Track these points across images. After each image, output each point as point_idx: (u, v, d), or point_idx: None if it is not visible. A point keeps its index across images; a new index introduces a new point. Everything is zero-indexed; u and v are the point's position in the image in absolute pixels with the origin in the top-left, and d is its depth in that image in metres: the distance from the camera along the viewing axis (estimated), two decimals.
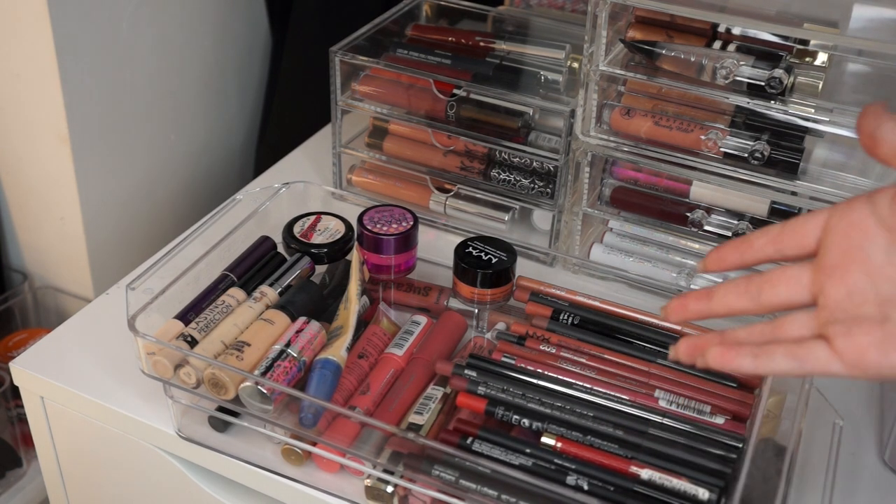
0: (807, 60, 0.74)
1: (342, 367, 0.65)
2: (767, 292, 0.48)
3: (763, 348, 0.47)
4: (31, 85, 0.94)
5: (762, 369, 0.47)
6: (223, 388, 0.62)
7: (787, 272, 0.48)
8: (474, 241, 0.72)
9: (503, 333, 0.70)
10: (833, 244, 0.46)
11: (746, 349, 0.47)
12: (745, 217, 0.78)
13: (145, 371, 0.65)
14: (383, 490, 0.62)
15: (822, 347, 0.45)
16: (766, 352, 0.47)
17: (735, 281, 0.49)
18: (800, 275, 0.47)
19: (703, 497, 0.55)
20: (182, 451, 0.69)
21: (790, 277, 0.48)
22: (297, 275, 0.72)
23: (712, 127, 0.74)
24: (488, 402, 0.62)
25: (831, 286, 0.46)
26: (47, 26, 0.89)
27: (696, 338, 0.50)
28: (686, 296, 0.51)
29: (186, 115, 1.11)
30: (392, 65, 0.86)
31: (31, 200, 1.04)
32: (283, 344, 0.64)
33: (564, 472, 0.57)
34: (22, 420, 1.02)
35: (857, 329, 0.44)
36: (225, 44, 1.13)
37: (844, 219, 0.46)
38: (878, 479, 0.67)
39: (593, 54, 0.75)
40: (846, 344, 0.44)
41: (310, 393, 0.63)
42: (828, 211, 0.47)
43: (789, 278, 0.48)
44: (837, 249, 0.46)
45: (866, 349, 0.44)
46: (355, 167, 0.93)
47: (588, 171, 0.80)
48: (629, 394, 0.63)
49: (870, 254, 0.45)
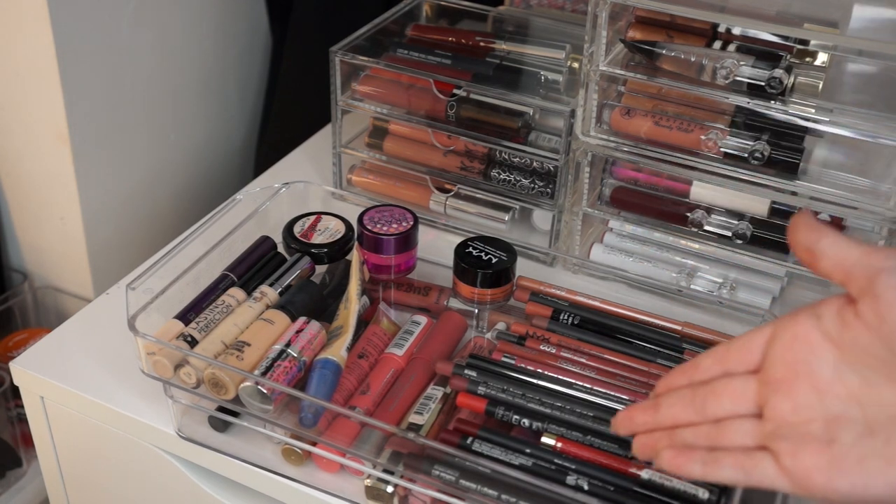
0: (807, 60, 0.74)
1: (342, 367, 0.65)
2: (712, 404, 0.48)
3: (712, 455, 0.47)
4: (31, 85, 0.94)
5: (710, 477, 0.47)
6: (223, 388, 0.62)
7: (731, 383, 0.48)
8: (474, 241, 0.72)
9: (503, 333, 0.70)
10: (777, 357, 0.46)
11: (697, 455, 0.47)
12: (745, 217, 0.78)
13: (145, 371, 0.65)
14: (383, 490, 0.62)
15: (770, 463, 0.45)
16: (714, 460, 0.46)
17: (681, 392, 0.49)
18: (745, 387, 0.47)
19: (703, 497, 0.56)
20: (182, 451, 0.69)
21: (735, 389, 0.47)
22: (297, 275, 0.72)
23: (712, 127, 0.74)
24: (488, 402, 0.62)
25: (777, 400, 0.45)
26: (47, 26, 0.89)
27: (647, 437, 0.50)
28: (633, 408, 0.51)
29: (186, 115, 1.11)
30: (392, 65, 0.86)
31: (31, 200, 1.04)
32: (283, 344, 0.64)
33: (564, 472, 0.57)
34: (22, 420, 1.02)
35: (803, 450, 0.44)
36: (225, 44, 1.13)
37: (788, 331, 0.46)
38: None
39: (593, 54, 0.75)
40: (792, 464, 0.44)
41: (310, 393, 0.63)
42: (772, 324, 0.47)
43: (734, 390, 0.47)
44: (782, 363, 0.46)
45: (813, 472, 0.43)
46: (355, 167, 0.93)
47: (588, 171, 0.80)
48: (629, 394, 0.63)
49: (816, 369, 0.44)
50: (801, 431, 0.44)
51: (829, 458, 0.43)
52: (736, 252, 0.79)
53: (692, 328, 0.69)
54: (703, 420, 0.48)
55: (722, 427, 0.47)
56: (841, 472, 0.43)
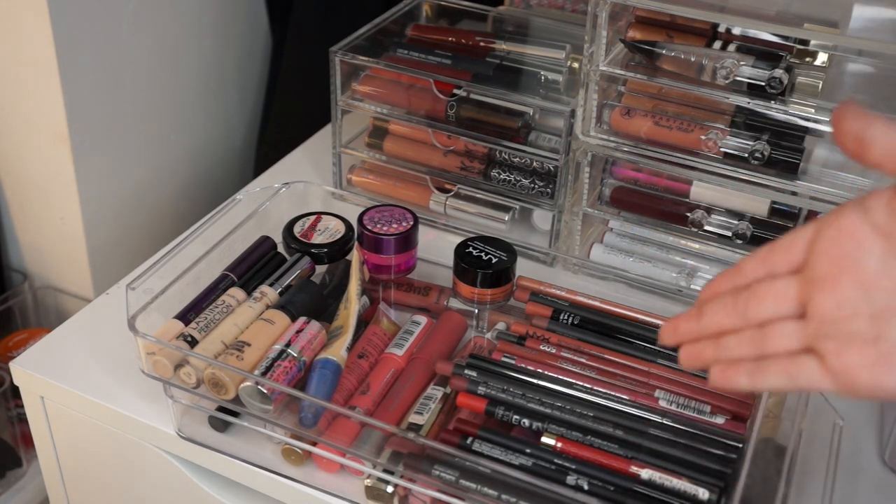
0: (807, 60, 0.74)
1: (342, 366, 0.65)
2: (754, 307, 0.47)
3: (757, 365, 0.46)
4: (31, 85, 0.94)
5: (757, 386, 0.46)
6: (223, 387, 0.62)
7: (773, 286, 0.46)
8: (474, 241, 0.72)
9: (503, 333, 0.70)
10: (821, 253, 0.45)
11: (742, 367, 0.46)
12: (745, 217, 0.78)
13: (145, 371, 0.65)
14: (383, 490, 0.62)
15: (814, 365, 0.44)
16: (760, 369, 0.46)
17: (723, 299, 0.48)
18: (786, 288, 0.46)
19: (703, 497, 0.56)
20: (182, 451, 0.69)
21: (777, 290, 0.46)
22: (298, 275, 0.72)
23: (712, 127, 0.74)
24: (488, 402, 0.62)
25: (821, 298, 0.44)
26: (47, 26, 0.89)
27: (692, 347, 0.49)
28: (677, 318, 0.50)
29: (186, 115, 1.11)
30: (392, 65, 0.86)
31: (31, 200, 1.04)
32: (283, 344, 0.64)
33: (564, 471, 0.57)
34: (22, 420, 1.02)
35: (848, 349, 0.43)
36: (225, 44, 1.13)
37: (833, 226, 0.44)
38: (878, 479, 0.67)
39: (593, 54, 0.75)
40: (837, 363, 0.43)
41: (310, 393, 0.63)
42: (817, 221, 0.46)
43: (776, 292, 0.46)
44: (826, 258, 0.44)
45: (858, 371, 0.42)
46: (355, 167, 0.93)
47: (588, 171, 0.80)
48: (629, 394, 0.63)
49: (863, 263, 0.43)
50: (846, 329, 0.43)
51: (876, 355, 0.42)
52: (736, 252, 0.79)
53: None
54: (746, 325, 0.47)
55: (766, 331, 0.46)
56: (888, 368, 0.42)
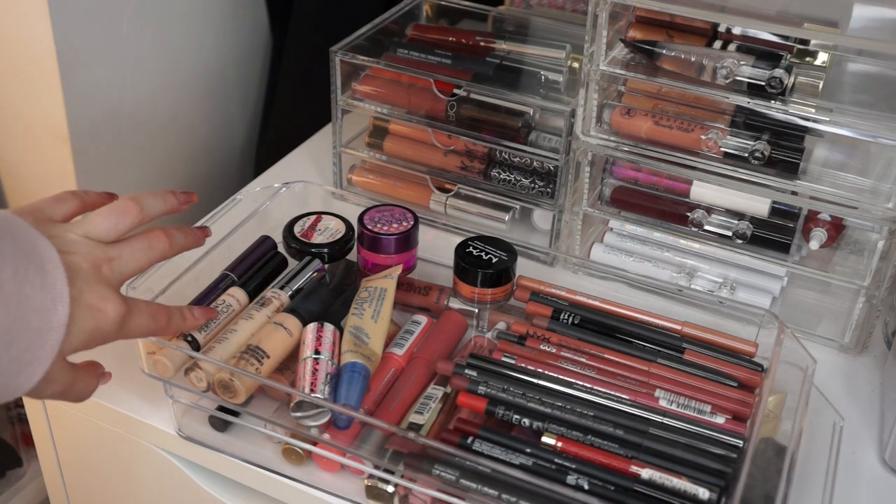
0: (807, 60, 0.74)
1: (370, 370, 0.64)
2: None
3: None
4: (31, 85, 0.94)
5: None
6: (234, 392, 0.62)
7: None
8: (475, 241, 0.72)
9: (503, 333, 0.70)
10: None
11: None
12: (745, 217, 0.78)
13: (146, 371, 0.65)
14: (384, 490, 0.62)
15: None
16: None
17: None
18: None
19: (704, 497, 0.56)
20: (182, 450, 0.69)
21: None
22: (310, 278, 0.71)
23: (712, 127, 0.74)
24: (489, 402, 0.62)
25: None
26: (48, 26, 0.89)
27: None
28: None
29: (186, 115, 1.11)
30: (392, 65, 0.86)
31: (31, 200, 1.04)
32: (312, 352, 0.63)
33: (565, 471, 0.57)
34: (22, 420, 1.03)
35: None
36: (225, 44, 1.13)
37: None
38: (878, 479, 0.67)
39: (593, 54, 0.75)
40: None
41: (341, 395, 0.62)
42: None
43: None
44: None
45: None
46: (355, 167, 0.93)
47: (588, 170, 0.80)
48: (629, 393, 0.63)
49: None
50: None
51: None
52: (736, 252, 0.79)
53: (692, 328, 0.69)
54: None
55: None
56: None
